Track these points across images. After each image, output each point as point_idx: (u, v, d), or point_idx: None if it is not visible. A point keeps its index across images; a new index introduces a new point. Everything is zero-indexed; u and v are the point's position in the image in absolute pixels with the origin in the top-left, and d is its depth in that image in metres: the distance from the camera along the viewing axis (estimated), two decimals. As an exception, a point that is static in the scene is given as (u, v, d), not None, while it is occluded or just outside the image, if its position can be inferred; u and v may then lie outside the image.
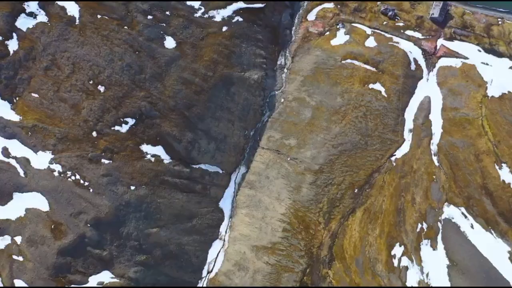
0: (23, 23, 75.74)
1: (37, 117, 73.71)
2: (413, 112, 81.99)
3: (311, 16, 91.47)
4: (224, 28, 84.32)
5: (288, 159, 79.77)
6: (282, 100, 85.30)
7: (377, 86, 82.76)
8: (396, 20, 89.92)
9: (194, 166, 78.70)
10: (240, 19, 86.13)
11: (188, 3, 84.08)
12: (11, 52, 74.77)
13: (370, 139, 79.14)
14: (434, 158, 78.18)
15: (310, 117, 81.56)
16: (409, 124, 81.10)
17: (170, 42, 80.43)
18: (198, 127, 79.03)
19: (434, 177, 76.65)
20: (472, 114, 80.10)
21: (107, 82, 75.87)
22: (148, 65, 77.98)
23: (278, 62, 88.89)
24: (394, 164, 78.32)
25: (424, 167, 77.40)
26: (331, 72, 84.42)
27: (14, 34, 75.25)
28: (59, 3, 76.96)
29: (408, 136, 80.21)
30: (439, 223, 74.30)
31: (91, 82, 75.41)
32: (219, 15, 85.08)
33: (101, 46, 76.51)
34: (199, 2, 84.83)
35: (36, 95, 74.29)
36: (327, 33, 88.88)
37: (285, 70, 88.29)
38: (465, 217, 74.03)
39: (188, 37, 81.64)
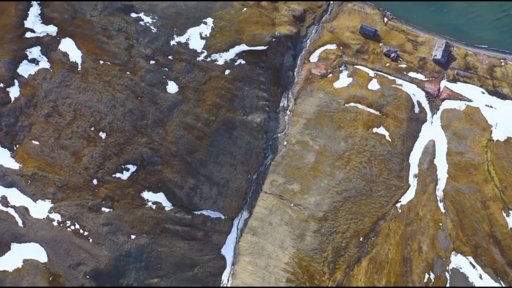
0: (25, 69, 75.38)
1: (37, 165, 72.64)
2: (418, 157, 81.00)
3: (314, 58, 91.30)
4: (227, 72, 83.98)
5: (292, 205, 78.44)
6: (285, 143, 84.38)
7: (381, 130, 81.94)
8: (399, 61, 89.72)
9: (196, 212, 77.35)
10: (243, 62, 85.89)
11: (191, 47, 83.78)
12: (12, 99, 74.22)
13: (375, 185, 77.94)
14: (440, 205, 76.92)
15: (313, 162, 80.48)
16: (414, 169, 80.00)
17: (172, 87, 79.96)
18: (200, 173, 77.89)
19: (441, 224, 75.24)
20: (477, 159, 79.12)
21: (108, 128, 75.06)
22: (150, 111, 77.30)
23: (281, 104, 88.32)
24: (400, 210, 76.98)
25: (430, 214, 76.05)
26: (334, 115, 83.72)
27: (16, 81, 74.83)
28: (62, 49, 76.46)
29: (413, 182, 79.05)
30: (446, 273, 72.57)
31: (92, 128, 74.60)
32: (221, 58, 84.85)
33: (103, 92, 75.96)
34: (202, 46, 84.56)
35: (36, 143, 73.38)
36: (330, 75, 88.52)
37: (288, 112, 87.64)
38: (473, 267, 72.37)
39: (190, 81, 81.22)
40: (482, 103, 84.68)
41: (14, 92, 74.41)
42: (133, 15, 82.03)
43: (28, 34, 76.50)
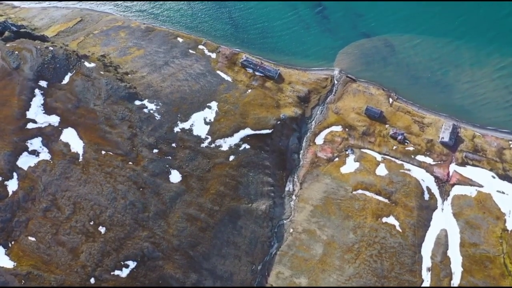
0: (25, 161, 73.51)
1: (33, 263, 69.20)
2: (430, 248, 77.64)
3: (319, 140, 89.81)
4: (231, 158, 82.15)
5: (299, 302, 74.28)
6: (291, 230, 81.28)
7: (391, 220, 79.02)
8: (406, 144, 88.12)
9: (198, 310, 73.05)
10: (247, 146, 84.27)
11: (195, 133, 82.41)
12: (10, 192, 71.86)
13: (387, 280, 74.15)
14: (456, 303, 72.71)
15: (321, 254, 77.06)
16: (426, 261, 76.44)
17: (175, 176, 77.82)
18: (203, 267, 74.27)
19: (458, 324, 70.75)
20: (492, 251, 75.79)
21: (108, 222, 72.20)
22: (152, 202, 74.73)
23: (286, 189, 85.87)
24: (414, 309, 72.71)
25: (446, 313, 71.73)
26: (342, 203, 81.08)
27: (15, 174, 72.72)
28: (63, 139, 74.88)
29: (426, 276, 75.27)
30: None
31: (91, 223, 71.77)
32: (226, 143, 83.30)
33: (104, 184, 73.67)
34: (206, 131, 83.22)
35: (33, 239, 70.30)
36: (336, 159, 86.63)
37: (294, 197, 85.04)
38: None
39: (194, 169, 79.20)
40: (493, 188, 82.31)
41: (12, 185, 72.11)
42: (137, 102, 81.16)
43: (30, 125, 75.14)
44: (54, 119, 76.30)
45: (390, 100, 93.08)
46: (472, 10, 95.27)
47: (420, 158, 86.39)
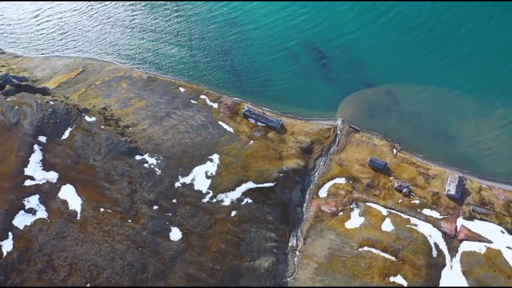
0: (21, 220, 71.54)
1: (25, 329, 66.01)
2: (440, 310, 74.41)
3: (323, 193, 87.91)
4: (233, 213, 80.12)
5: None
6: (295, 289, 78.19)
7: (399, 279, 76.21)
8: (412, 197, 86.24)
9: None
10: (250, 201, 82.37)
11: (196, 187, 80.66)
12: (5, 253, 69.55)
13: None
14: None
15: (327, 316, 73.75)
16: (437, 324, 73.07)
17: (176, 234, 75.60)
18: (203, 331, 70.91)
19: None
20: (505, 313, 72.53)
21: (105, 284, 69.43)
22: (151, 262, 72.15)
23: (290, 244, 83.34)
24: None
25: None
26: (347, 261, 78.44)
27: (10, 233, 70.62)
28: (62, 196, 73.04)
29: None
30: None
31: (88, 285, 68.89)
32: (227, 198, 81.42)
33: (102, 243, 71.33)
34: (207, 186, 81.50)
35: (26, 303, 67.31)
36: (341, 213, 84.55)
37: (297, 253, 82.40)
38: None
39: (195, 226, 77.03)
40: (503, 244, 79.92)
41: (7, 246, 69.86)
42: (138, 157, 79.81)
43: (28, 182, 73.51)
44: (53, 176, 74.68)
45: (394, 151, 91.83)
46: (477, 64, 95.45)
47: (426, 212, 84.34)
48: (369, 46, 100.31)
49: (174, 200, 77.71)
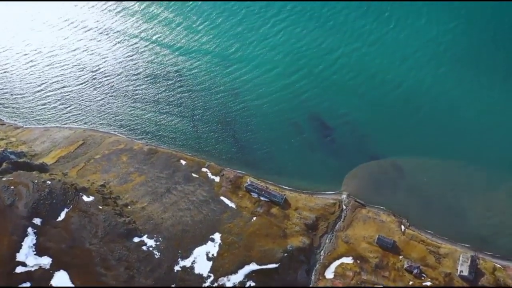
0: (9, 312, 66.70)
1: None
2: None
3: (329, 273, 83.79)
4: (235, 299, 75.45)
5: None
6: None
7: None
8: (423, 278, 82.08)
9: None
10: (253, 284, 78.16)
11: (197, 271, 76.66)
12: None
13: None
14: None
15: None
16: None
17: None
18: None
19: None
20: None
21: None
22: None
23: (296, 331, 78.02)
24: None
25: None
26: None
27: (-3, 327, 65.59)
28: (54, 283, 68.98)
29: None
30: None
31: None
32: (229, 282, 77.42)
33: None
34: (208, 269, 77.46)
35: None
36: (349, 297, 79.79)
37: None
38: None
39: (194, 314, 72.16)
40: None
41: None
42: (136, 239, 76.52)
43: (19, 269, 69.74)
44: (46, 261, 71.03)
45: (402, 227, 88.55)
46: (483, 138, 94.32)
47: (439, 303, 79.74)
48: (374, 117, 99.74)
49: (173, 286, 73.49)
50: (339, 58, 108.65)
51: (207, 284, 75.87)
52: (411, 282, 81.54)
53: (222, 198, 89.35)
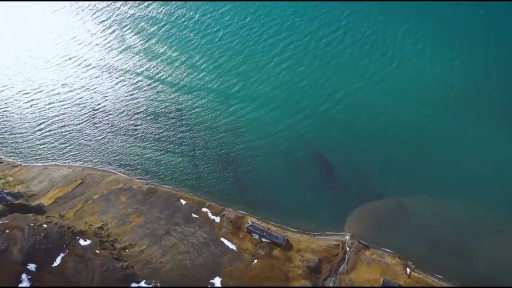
0: None
1: None
2: None
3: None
4: None
5: None
6: None
7: None
8: (431, 325, 78.39)
9: None
10: (254, 332, 74.49)
11: (195, 318, 73.42)
12: None
13: None
14: None
15: None
16: None
17: None
18: None
19: None
20: None
21: None
22: None
23: None
24: None
25: None
26: None
27: None
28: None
29: None
30: None
31: None
32: (230, 330, 73.66)
33: None
34: (208, 316, 74.23)
35: None
36: None
37: None
38: None
39: None
40: None
41: None
42: (134, 285, 73.65)
43: (11, 318, 66.63)
44: (37, 313, 68.08)
45: (408, 270, 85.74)
46: (489, 177, 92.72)
47: None
48: (379, 157, 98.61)
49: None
50: (343, 98, 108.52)
51: (206, 332, 72.55)
52: (419, 329, 78.06)
53: (222, 239, 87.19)
